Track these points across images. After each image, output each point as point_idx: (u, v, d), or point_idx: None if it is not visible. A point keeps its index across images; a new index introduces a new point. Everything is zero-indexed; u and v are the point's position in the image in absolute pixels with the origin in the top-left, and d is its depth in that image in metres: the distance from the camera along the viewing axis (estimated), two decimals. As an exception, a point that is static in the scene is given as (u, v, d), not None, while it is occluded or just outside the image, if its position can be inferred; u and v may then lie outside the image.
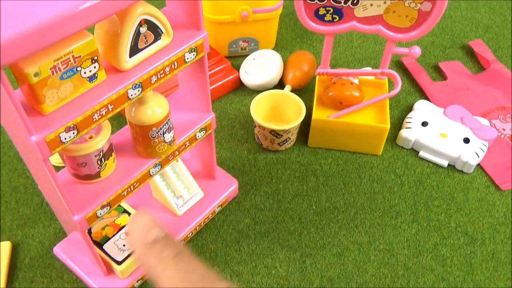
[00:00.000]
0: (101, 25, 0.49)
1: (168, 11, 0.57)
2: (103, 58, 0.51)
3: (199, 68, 0.60)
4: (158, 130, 0.57)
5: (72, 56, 0.44)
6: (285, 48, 1.05)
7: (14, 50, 0.38)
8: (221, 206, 0.75)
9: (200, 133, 0.65)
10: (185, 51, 0.54)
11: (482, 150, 0.82)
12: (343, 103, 0.82)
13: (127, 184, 0.58)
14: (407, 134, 0.84)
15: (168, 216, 0.72)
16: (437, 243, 0.73)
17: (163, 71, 0.53)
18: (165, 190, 0.70)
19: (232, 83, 0.95)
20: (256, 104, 0.82)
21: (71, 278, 0.68)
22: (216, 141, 0.86)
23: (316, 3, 0.76)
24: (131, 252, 0.64)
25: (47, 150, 0.45)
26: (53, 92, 0.45)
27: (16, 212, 0.75)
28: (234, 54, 1.02)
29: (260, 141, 0.84)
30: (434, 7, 0.73)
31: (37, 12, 0.39)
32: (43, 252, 0.70)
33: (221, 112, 0.91)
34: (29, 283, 0.67)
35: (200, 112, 0.66)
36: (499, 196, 0.79)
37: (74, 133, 0.47)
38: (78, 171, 0.55)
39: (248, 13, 0.94)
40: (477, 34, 1.11)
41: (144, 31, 0.50)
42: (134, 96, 0.51)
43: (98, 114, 0.48)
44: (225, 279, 0.30)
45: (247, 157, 0.84)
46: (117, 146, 0.61)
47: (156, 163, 0.61)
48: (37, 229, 0.73)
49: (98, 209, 0.55)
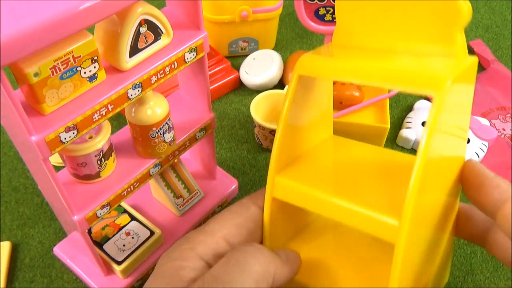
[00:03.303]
0: (101, 25, 0.49)
1: (168, 11, 0.57)
2: (103, 58, 0.51)
3: (199, 68, 0.60)
4: (158, 130, 0.57)
5: (72, 56, 0.44)
6: (285, 48, 1.05)
7: (14, 50, 0.38)
8: (221, 206, 0.75)
9: (200, 133, 0.65)
10: (185, 51, 0.54)
11: (482, 150, 0.82)
12: (343, 103, 0.82)
13: (127, 184, 0.58)
14: (407, 134, 0.84)
15: (168, 216, 0.72)
16: (437, 243, 0.73)
17: (163, 71, 0.53)
18: (165, 190, 0.70)
19: (232, 83, 0.95)
20: (256, 104, 0.82)
21: (71, 278, 0.68)
22: (216, 141, 0.86)
23: (316, 3, 0.76)
24: (131, 252, 0.64)
25: (47, 150, 0.45)
26: (53, 92, 0.45)
27: (16, 212, 0.75)
28: (234, 54, 1.02)
29: (260, 141, 0.84)
30: (434, 7, 0.73)
31: (37, 12, 0.39)
32: (43, 252, 0.70)
33: (221, 112, 0.91)
34: (29, 283, 0.67)
35: (200, 112, 0.66)
36: (499, 196, 0.79)
37: (74, 133, 0.47)
38: (78, 171, 0.55)
39: (248, 13, 0.94)
40: (477, 34, 1.10)
41: (144, 31, 0.50)
42: (134, 96, 0.51)
43: (98, 114, 0.48)
44: None
45: (247, 157, 0.84)
46: (117, 146, 0.61)
47: (156, 163, 0.61)
48: (37, 229, 0.73)
49: (98, 209, 0.55)
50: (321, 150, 0.53)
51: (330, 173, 0.49)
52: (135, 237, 0.66)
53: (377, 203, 0.43)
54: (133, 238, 0.66)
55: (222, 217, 0.44)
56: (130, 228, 0.67)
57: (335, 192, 0.45)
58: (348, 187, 0.46)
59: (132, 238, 0.66)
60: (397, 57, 0.43)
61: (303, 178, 0.47)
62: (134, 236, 0.66)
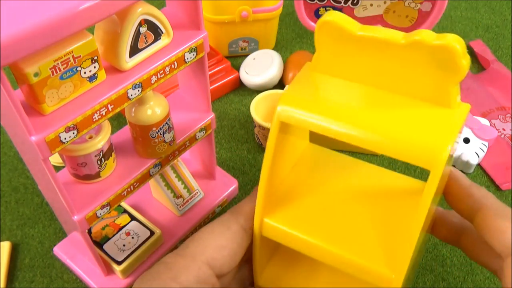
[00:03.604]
0: (101, 25, 0.49)
1: (168, 11, 0.57)
2: (103, 58, 0.51)
3: (199, 68, 0.60)
4: (158, 130, 0.57)
5: (72, 56, 0.44)
6: (285, 48, 1.05)
7: (14, 50, 0.38)
8: (221, 206, 0.75)
9: (200, 133, 0.65)
10: (185, 51, 0.54)
11: (482, 150, 0.82)
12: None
13: (127, 184, 0.58)
14: (407, 134, 0.84)
15: (168, 216, 0.72)
16: (437, 243, 0.73)
17: (163, 71, 0.53)
18: (165, 190, 0.70)
19: (232, 83, 0.95)
20: (256, 104, 0.82)
21: (71, 278, 0.68)
22: (216, 141, 0.86)
23: (316, 3, 0.76)
24: (131, 252, 0.64)
25: (47, 150, 0.45)
26: (53, 92, 0.45)
27: (16, 212, 0.75)
28: (234, 54, 1.02)
29: (260, 141, 0.84)
30: (434, 7, 0.73)
31: (37, 12, 0.39)
32: (43, 252, 0.70)
33: (221, 112, 0.91)
34: (29, 283, 0.67)
35: (200, 112, 0.66)
36: (499, 196, 0.79)
37: (74, 133, 0.47)
38: (78, 171, 0.55)
39: (248, 13, 0.94)
40: (477, 34, 1.10)
41: (144, 31, 0.50)
42: (134, 96, 0.51)
43: (98, 114, 0.48)
44: None
45: (247, 157, 0.84)
46: (117, 146, 0.61)
47: (156, 163, 0.61)
48: (37, 229, 0.73)
49: (98, 209, 0.55)
50: (305, 175, 0.51)
51: (319, 207, 0.47)
52: (135, 237, 0.66)
53: (371, 249, 0.42)
54: (133, 238, 0.66)
55: (203, 238, 0.42)
56: (130, 228, 0.67)
57: (327, 237, 0.43)
58: (339, 225, 0.45)
59: (132, 238, 0.66)
60: (389, 111, 0.40)
61: (292, 219, 0.45)
62: (134, 236, 0.66)
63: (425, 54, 0.38)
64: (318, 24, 0.40)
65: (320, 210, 0.46)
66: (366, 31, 0.39)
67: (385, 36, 0.38)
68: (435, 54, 0.37)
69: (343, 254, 0.42)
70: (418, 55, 0.38)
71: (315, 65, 0.44)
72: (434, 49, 0.37)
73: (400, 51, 0.39)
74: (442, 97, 0.39)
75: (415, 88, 0.40)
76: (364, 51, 0.40)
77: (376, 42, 0.39)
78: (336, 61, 0.43)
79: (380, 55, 0.40)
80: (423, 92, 0.40)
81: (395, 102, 0.40)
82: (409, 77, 0.40)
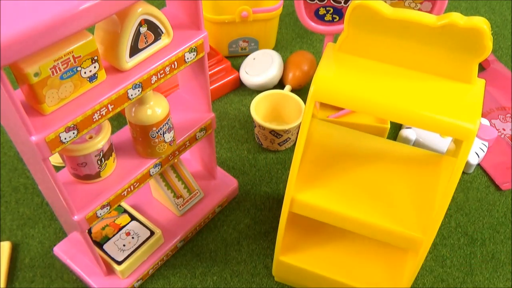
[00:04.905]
0: (101, 25, 0.49)
1: (168, 11, 0.57)
2: (103, 58, 0.51)
3: (199, 68, 0.60)
4: (158, 130, 0.57)
5: (72, 56, 0.44)
6: (285, 48, 1.05)
7: (14, 50, 0.38)
8: (221, 206, 0.75)
9: (200, 133, 0.65)
10: (185, 51, 0.54)
11: (482, 150, 0.82)
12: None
13: (127, 184, 0.58)
14: (407, 134, 0.84)
15: (168, 216, 0.72)
16: (437, 243, 0.73)
17: (163, 71, 0.53)
18: (165, 190, 0.70)
19: (232, 83, 0.95)
20: (256, 104, 0.82)
21: (71, 278, 0.68)
22: (216, 141, 0.86)
23: (316, 3, 0.76)
24: (131, 252, 0.64)
25: (47, 150, 0.45)
26: (53, 92, 0.45)
27: (16, 212, 0.75)
28: (234, 54, 1.02)
29: (260, 141, 0.84)
30: (434, 7, 0.73)
31: (37, 12, 0.39)
32: (43, 252, 0.70)
33: (221, 112, 0.91)
34: (29, 283, 0.67)
35: (200, 112, 0.66)
36: (499, 196, 0.79)
37: (74, 133, 0.47)
38: (78, 171, 0.55)
39: (248, 13, 0.94)
40: (477, 34, 1.11)
41: (144, 31, 0.50)
42: (134, 96, 0.51)
43: (98, 114, 0.48)
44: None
45: (247, 157, 0.84)
46: (117, 146, 0.61)
47: (156, 163, 0.61)
48: (37, 229, 0.73)
49: (98, 209, 0.55)
50: (322, 151, 0.55)
51: (343, 180, 0.51)
52: (135, 237, 0.66)
53: (400, 215, 0.46)
54: (133, 238, 0.66)
55: None
56: (130, 228, 0.67)
57: (356, 206, 0.48)
58: (367, 195, 0.49)
59: (132, 238, 0.66)
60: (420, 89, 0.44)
61: (323, 194, 0.49)
62: (134, 236, 0.66)
63: (454, 35, 0.41)
64: (351, 6, 0.44)
65: (346, 182, 0.51)
66: (399, 13, 0.42)
67: (418, 18, 0.42)
68: (464, 35, 0.40)
69: (377, 223, 0.46)
70: (447, 36, 0.41)
71: (341, 46, 0.47)
72: (464, 31, 0.40)
73: (429, 33, 0.42)
74: (463, 74, 0.43)
75: (440, 66, 0.44)
76: (394, 32, 0.43)
77: (407, 24, 0.42)
78: (364, 42, 0.46)
79: (410, 36, 0.43)
80: (446, 69, 0.43)
81: (424, 80, 0.44)
82: (435, 56, 0.43)
